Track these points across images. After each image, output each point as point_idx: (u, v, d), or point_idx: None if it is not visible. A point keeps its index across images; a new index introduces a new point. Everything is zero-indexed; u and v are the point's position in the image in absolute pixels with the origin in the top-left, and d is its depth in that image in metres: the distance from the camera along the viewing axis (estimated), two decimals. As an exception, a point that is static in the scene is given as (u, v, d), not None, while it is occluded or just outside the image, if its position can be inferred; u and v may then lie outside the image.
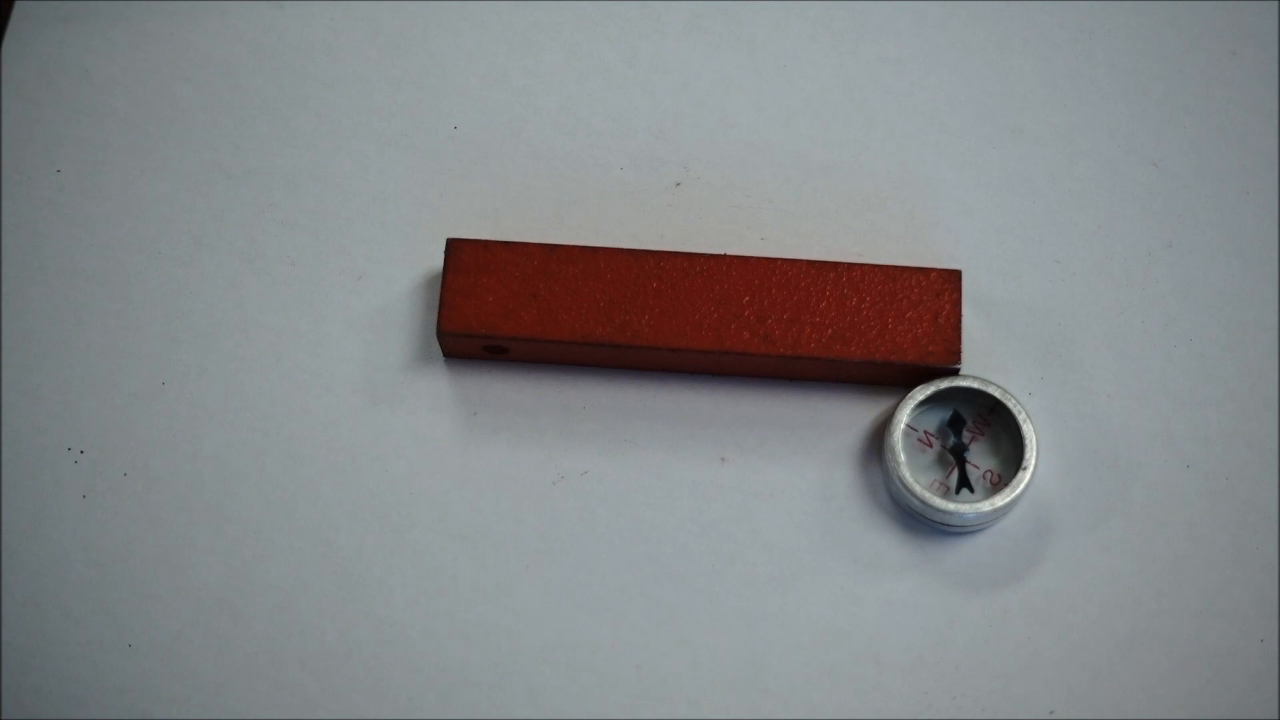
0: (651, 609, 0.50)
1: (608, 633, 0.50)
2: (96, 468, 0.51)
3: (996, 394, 0.50)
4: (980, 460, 0.51)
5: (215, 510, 0.51)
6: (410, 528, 0.51)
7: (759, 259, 0.51)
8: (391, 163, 0.55)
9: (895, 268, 0.51)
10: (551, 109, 0.55)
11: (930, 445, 0.51)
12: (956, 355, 0.50)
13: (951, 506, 0.49)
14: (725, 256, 0.51)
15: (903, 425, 0.50)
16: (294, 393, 0.52)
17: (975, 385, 0.50)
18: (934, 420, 0.51)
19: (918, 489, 0.49)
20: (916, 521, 0.50)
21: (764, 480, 0.51)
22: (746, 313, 0.50)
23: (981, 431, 0.51)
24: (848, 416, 0.52)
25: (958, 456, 0.50)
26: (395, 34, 0.56)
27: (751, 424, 0.52)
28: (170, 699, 0.49)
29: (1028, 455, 0.50)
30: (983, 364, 0.52)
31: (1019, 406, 0.50)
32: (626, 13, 0.56)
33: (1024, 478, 0.49)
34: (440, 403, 0.52)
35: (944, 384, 0.50)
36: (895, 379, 0.51)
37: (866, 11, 0.56)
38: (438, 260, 0.52)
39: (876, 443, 0.51)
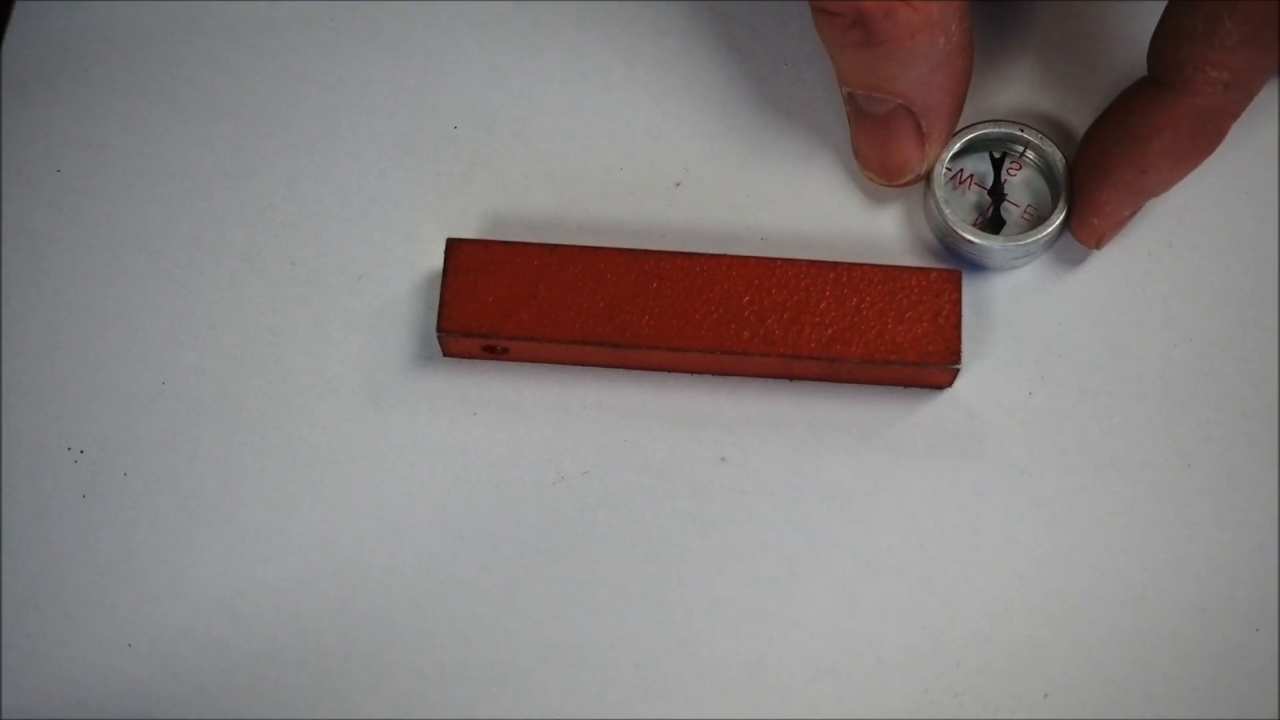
0: (651, 609, 0.50)
1: (608, 633, 0.50)
2: (96, 468, 0.51)
3: (1033, 137, 0.52)
4: (1019, 198, 0.53)
5: (215, 510, 0.51)
6: (410, 528, 0.51)
7: (759, 259, 0.51)
8: (391, 163, 0.55)
9: (895, 268, 0.51)
10: (551, 109, 0.55)
11: (970, 186, 0.53)
12: (956, 355, 0.50)
13: (988, 240, 0.52)
14: (725, 256, 0.51)
15: (943, 169, 0.52)
16: (294, 393, 0.52)
17: (1007, 130, 0.53)
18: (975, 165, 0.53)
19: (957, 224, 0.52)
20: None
21: (764, 480, 0.51)
22: (746, 313, 0.50)
23: (1020, 167, 0.53)
24: (848, 416, 0.52)
25: (996, 197, 0.53)
26: (395, 34, 0.56)
27: (751, 424, 0.52)
28: (170, 699, 0.49)
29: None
30: (983, 364, 0.52)
31: (1046, 142, 0.52)
32: (626, 13, 0.56)
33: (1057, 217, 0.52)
34: (440, 403, 0.52)
35: (976, 131, 0.52)
36: (895, 379, 0.51)
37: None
38: (438, 260, 0.52)
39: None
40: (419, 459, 0.51)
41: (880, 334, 0.50)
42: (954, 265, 0.53)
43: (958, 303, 0.50)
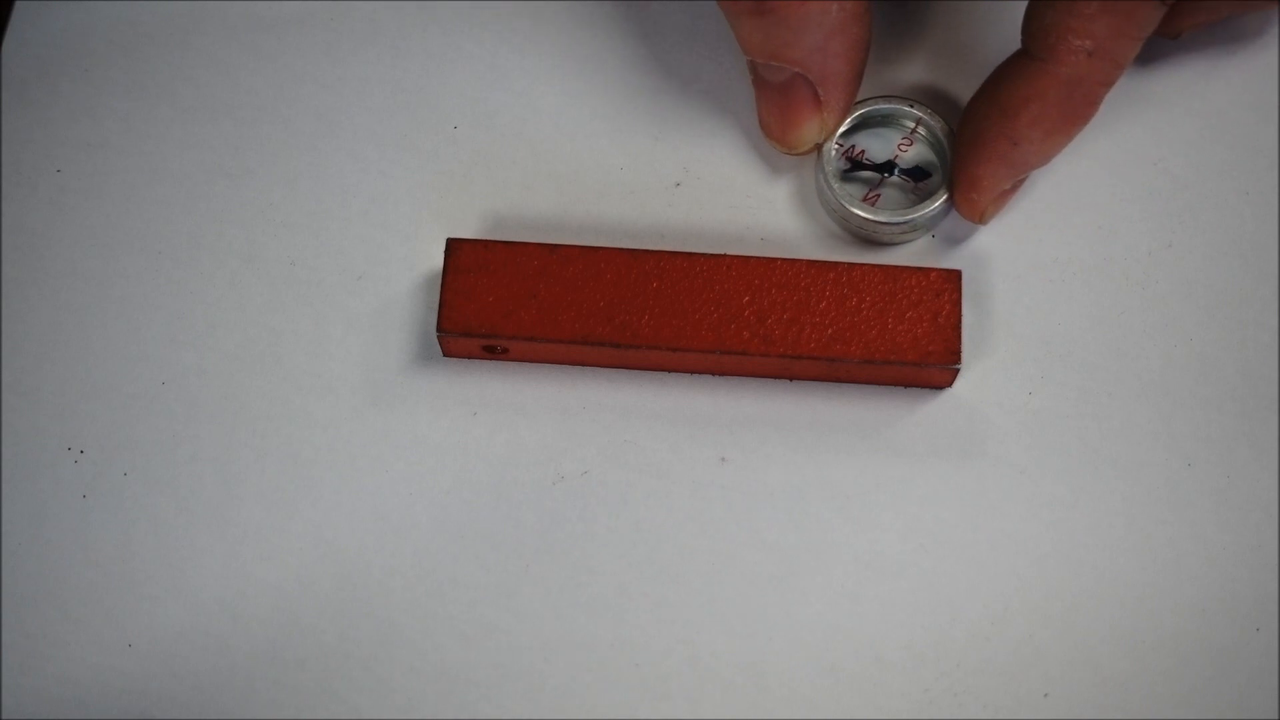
0: (651, 609, 0.50)
1: (608, 633, 0.50)
2: (96, 468, 0.51)
3: (922, 113, 0.53)
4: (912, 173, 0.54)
5: (215, 510, 0.51)
6: (410, 528, 0.51)
7: (759, 259, 0.51)
8: (391, 163, 0.55)
9: (895, 268, 0.51)
10: (551, 109, 0.55)
11: (864, 163, 0.54)
12: (956, 355, 0.50)
13: (877, 215, 0.52)
14: (725, 256, 0.51)
15: (834, 145, 0.53)
16: (294, 393, 0.52)
17: (895, 106, 0.53)
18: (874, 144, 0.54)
19: (845, 199, 0.52)
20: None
21: (764, 480, 0.51)
22: (746, 313, 0.50)
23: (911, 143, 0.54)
24: (848, 416, 0.52)
25: (886, 172, 0.53)
26: (395, 34, 0.56)
27: (751, 424, 0.52)
28: (170, 699, 0.49)
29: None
30: (983, 364, 0.52)
31: (935, 118, 0.53)
32: (626, 13, 0.56)
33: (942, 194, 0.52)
34: (440, 403, 0.52)
35: (866, 108, 0.53)
36: (895, 379, 0.51)
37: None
38: (438, 260, 0.52)
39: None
40: (419, 459, 0.51)
41: (880, 334, 0.50)
42: (850, 242, 0.53)
43: (958, 303, 0.50)
